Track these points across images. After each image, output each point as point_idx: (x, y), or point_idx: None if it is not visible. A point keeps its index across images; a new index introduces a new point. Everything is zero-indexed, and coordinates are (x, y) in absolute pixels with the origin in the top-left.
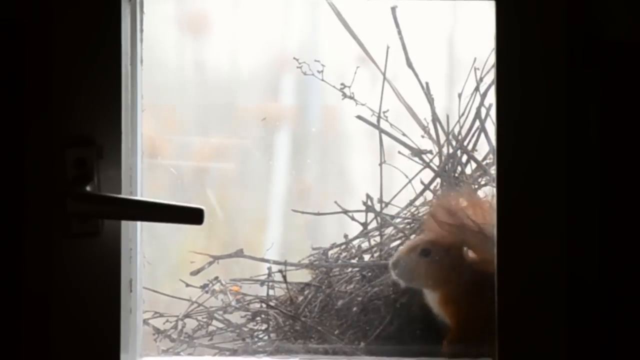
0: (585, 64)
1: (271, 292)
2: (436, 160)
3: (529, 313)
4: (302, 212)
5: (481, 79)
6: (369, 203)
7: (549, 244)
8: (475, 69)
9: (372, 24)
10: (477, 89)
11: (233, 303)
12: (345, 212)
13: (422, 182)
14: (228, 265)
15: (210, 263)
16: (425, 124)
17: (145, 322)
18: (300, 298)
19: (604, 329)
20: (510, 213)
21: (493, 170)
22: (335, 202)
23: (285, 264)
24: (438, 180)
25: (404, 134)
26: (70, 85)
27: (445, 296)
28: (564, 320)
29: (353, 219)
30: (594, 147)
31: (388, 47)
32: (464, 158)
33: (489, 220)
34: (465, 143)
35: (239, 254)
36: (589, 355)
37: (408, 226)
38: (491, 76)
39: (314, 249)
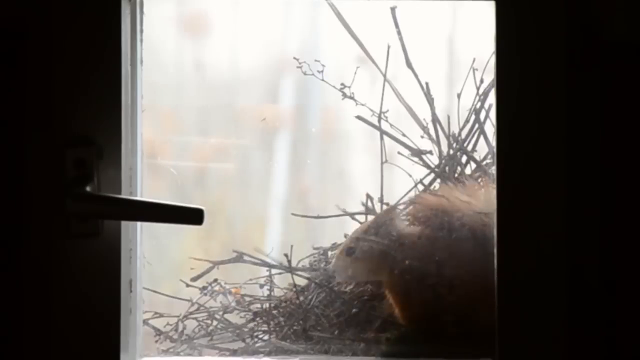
0: (585, 64)
1: (271, 293)
2: (435, 160)
3: (529, 313)
4: (302, 216)
5: (481, 80)
6: (369, 203)
7: (548, 244)
8: (474, 69)
9: (372, 24)
10: (477, 89)
11: (233, 304)
12: (345, 214)
13: (422, 183)
14: (228, 266)
15: (210, 268)
16: (425, 124)
17: (145, 322)
18: (301, 298)
19: (604, 328)
20: (509, 214)
21: (492, 171)
22: (337, 205)
23: (286, 267)
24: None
25: (403, 134)
26: (71, 86)
27: (388, 285)
28: (564, 320)
29: (353, 218)
30: (594, 147)
31: (388, 47)
32: (464, 159)
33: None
34: (465, 144)
35: (239, 259)
36: (589, 355)
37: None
38: (491, 76)
39: (314, 248)
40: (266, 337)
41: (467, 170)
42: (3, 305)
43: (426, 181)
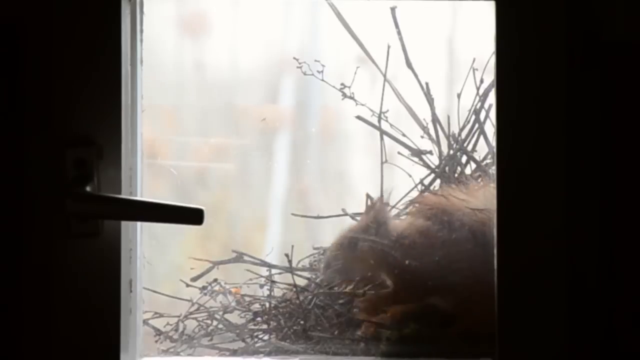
0: (585, 64)
1: (271, 293)
2: (435, 160)
3: (529, 313)
4: (302, 216)
5: (481, 80)
6: (369, 203)
7: (548, 244)
8: (474, 69)
9: (372, 24)
10: (477, 89)
11: (233, 305)
12: (345, 214)
13: (422, 183)
14: (228, 266)
15: (210, 268)
16: (425, 124)
17: (145, 322)
18: (301, 298)
19: (604, 328)
20: (509, 213)
21: (492, 171)
22: (343, 210)
23: (286, 267)
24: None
25: (403, 134)
26: (71, 86)
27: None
28: (564, 320)
29: (353, 218)
30: (594, 147)
31: (388, 47)
32: (464, 159)
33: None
34: (465, 144)
35: (239, 259)
36: (589, 355)
37: None
38: (491, 76)
39: (315, 248)
40: (266, 337)
41: (467, 170)
42: (3, 305)
43: (426, 181)
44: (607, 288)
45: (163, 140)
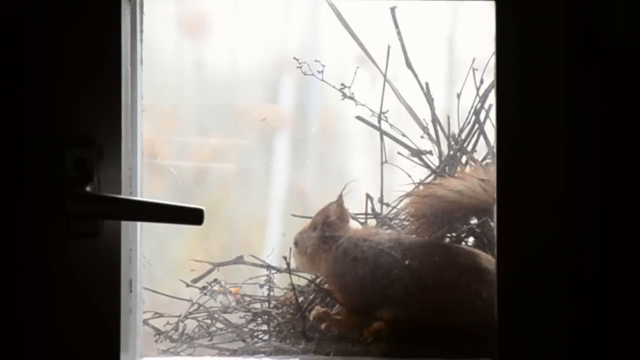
0: (585, 64)
1: (271, 293)
2: (435, 160)
3: (529, 313)
4: (302, 216)
5: (481, 80)
6: (369, 203)
7: (548, 243)
8: (474, 69)
9: (372, 24)
10: (477, 90)
11: (233, 304)
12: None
13: (422, 184)
14: (228, 266)
15: (210, 270)
16: (425, 124)
17: (145, 322)
18: (301, 299)
19: (604, 328)
20: (510, 214)
21: (492, 171)
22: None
23: (285, 270)
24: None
25: (403, 135)
26: (71, 86)
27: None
28: (564, 320)
29: (354, 218)
30: (594, 147)
31: (389, 47)
32: (464, 159)
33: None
34: (465, 144)
35: (239, 260)
36: (589, 355)
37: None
38: (491, 76)
39: None
40: (266, 337)
41: (467, 171)
42: (3, 305)
43: (426, 182)
44: (608, 287)
45: (163, 140)
